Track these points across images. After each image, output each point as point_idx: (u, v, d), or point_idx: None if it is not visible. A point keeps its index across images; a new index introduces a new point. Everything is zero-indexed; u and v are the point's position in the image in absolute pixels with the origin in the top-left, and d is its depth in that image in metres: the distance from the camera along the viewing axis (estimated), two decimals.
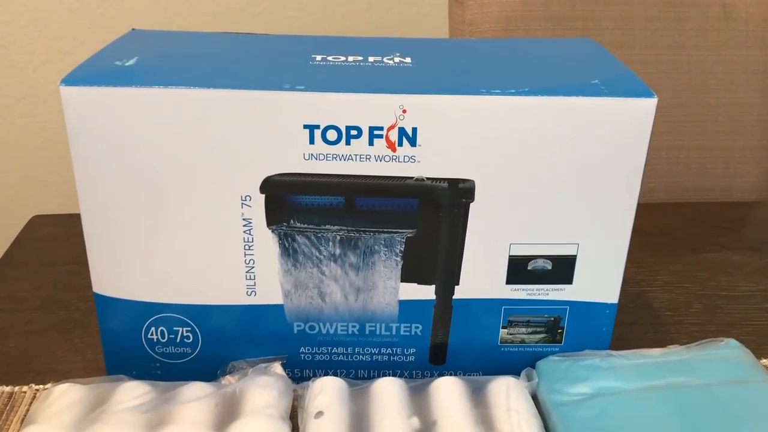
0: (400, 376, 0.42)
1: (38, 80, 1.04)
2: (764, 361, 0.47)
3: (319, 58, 0.40)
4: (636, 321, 0.52)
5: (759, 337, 0.50)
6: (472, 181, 0.37)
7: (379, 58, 0.41)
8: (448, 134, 0.36)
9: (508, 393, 0.39)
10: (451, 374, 0.42)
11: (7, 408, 0.41)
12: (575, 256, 0.39)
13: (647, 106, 0.36)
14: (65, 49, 1.02)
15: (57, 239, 0.60)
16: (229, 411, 0.37)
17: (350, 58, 0.41)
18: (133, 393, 0.38)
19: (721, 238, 0.63)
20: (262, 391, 0.38)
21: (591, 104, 0.36)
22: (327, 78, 0.37)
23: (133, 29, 0.45)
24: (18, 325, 0.49)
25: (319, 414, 0.37)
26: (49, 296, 0.52)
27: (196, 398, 0.37)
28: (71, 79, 0.36)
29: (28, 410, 0.41)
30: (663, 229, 0.65)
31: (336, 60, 0.40)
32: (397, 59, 0.41)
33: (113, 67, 0.37)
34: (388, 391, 0.39)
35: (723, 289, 0.56)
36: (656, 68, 0.72)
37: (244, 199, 0.37)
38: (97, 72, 0.36)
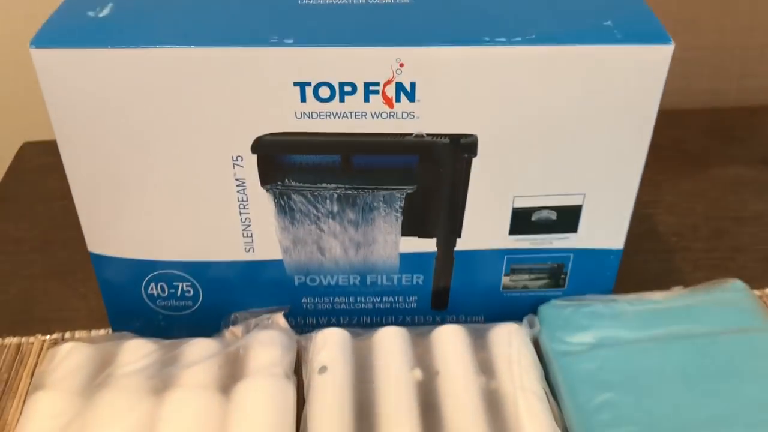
0: (403, 321, 0.43)
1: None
2: None
3: None
4: (640, 248, 0.51)
5: (765, 264, 0.50)
6: (475, 136, 0.35)
7: None
8: (448, 88, 0.34)
9: (509, 341, 0.39)
10: (453, 319, 0.43)
11: (16, 361, 0.42)
12: (581, 206, 0.38)
13: (663, 52, 0.34)
14: None
15: (49, 171, 0.58)
16: (233, 371, 0.37)
17: None
18: (138, 353, 0.38)
19: (733, 150, 0.61)
20: (266, 349, 0.38)
21: (603, 52, 0.33)
22: (317, 27, 0.34)
23: None
24: (18, 268, 0.49)
25: (323, 369, 0.38)
26: (47, 236, 0.52)
27: (200, 359, 0.37)
28: (42, 40, 0.33)
29: (36, 363, 0.42)
30: (673, 140, 0.63)
31: None
32: None
33: (86, 19, 0.34)
34: (391, 342, 0.39)
35: (731, 209, 0.55)
36: None
37: (235, 159, 0.36)
38: (69, 28, 0.34)
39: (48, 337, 0.44)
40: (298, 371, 0.39)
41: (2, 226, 0.53)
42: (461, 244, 0.39)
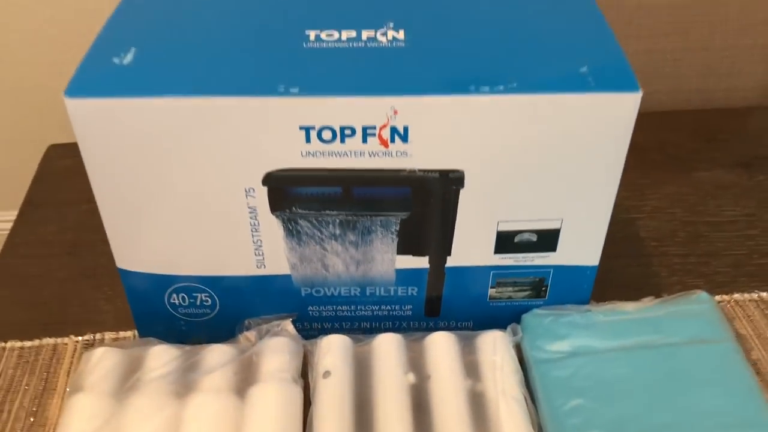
0: (399, 327, 0.47)
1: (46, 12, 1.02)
2: (736, 295, 0.51)
3: (312, 36, 0.41)
4: (621, 253, 0.55)
5: (734, 269, 0.54)
6: (462, 171, 0.39)
7: (372, 34, 0.41)
8: (438, 130, 0.38)
9: (494, 348, 0.44)
10: (445, 324, 0.47)
11: (53, 361, 0.47)
12: (559, 229, 0.42)
13: (632, 100, 0.37)
14: None
15: (74, 174, 0.62)
16: (247, 376, 0.42)
17: (344, 35, 0.41)
18: (162, 359, 0.43)
19: (716, 153, 0.65)
20: (276, 355, 0.43)
21: (578, 99, 0.37)
22: (320, 76, 0.38)
23: None
24: (51, 271, 0.54)
25: (327, 374, 0.42)
26: (74, 239, 0.56)
27: (218, 365, 0.42)
28: (74, 90, 0.37)
29: (71, 362, 0.47)
30: (659, 143, 0.66)
31: (330, 39, 0.41)
32: (390, 34, 0.41)
33: (112, 67, 0.38)
34: (387, 348, 0.44)
35: (709, 213, 0.59)
36: None
37: (248, 190, 0.40)
38: (98, 78, 0.38)
39: (80, 338, 0.48)
40: (305, 374, 0.44)
41: (33, 230, 0.57)
42: (451, 261, 0.44)
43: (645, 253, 0.55)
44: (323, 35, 0.41)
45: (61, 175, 0.63)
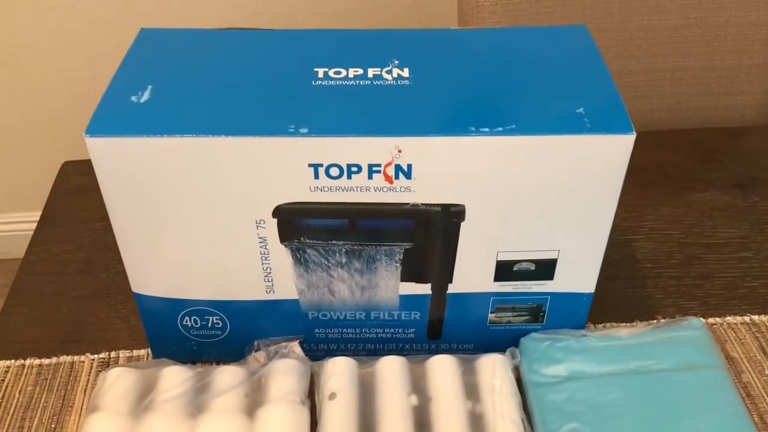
0: (402, 349, 0.49)
1: (61, 30, 1.05)
2: (729, 318, 0.53)
3: (321, 74, 0.43)
4: (617, 275, 0.57)
5: (728, 291, 0.55)
6: (463, 206, 0.41)
7: (378, 71, 0.43)
8: (440, 168, 0.40)
9: (494, 371, 0.46)
10: (446, 346, 0.49)
11: (71, 378, 0.49)
12: (556, 259, 0.44)
13: (626, 141, 0.39)
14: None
15: (88, 191, 0.65)
16: (257, 398, 0.44)
17: (351, 72, 0.43)
18: (175, 379, 0.45)
19: (712, 174, 0.66)
20: (284, 377, 0.44)
21: (574, 140, 0.39)
22: (328, 116, 0.40)
23: (142, 29, 0.47)
24: (67, 290, 0.56)
25: (333, 396, 0.44)
26: (89, 257, 0.58)
27: (229, 387, 0.44)
28: (95, 129, 0.39)
29: (88, 380, 0.49)
30: (657, 163, 0.68)
31: (337, 76, 0.42)
32: (395, 72, 0.43)
33: (130, 106, 0.40)
34: (390, 371, 0.46)
35: (705, 235, 0.60)
36: None
37: (258, 222, 0.42)
38: (117, 117, 0.39)
39: (96, 356, 0.50)
40: (312, 395, 0.46)
41: (49, 248, 0.59)
42: (453, 288, 0.46)
43: (641, 275, 0.57)
44: (331, 73, 0.43)
45: (76, 193, 0.65)
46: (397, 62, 0.44)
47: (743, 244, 0.59)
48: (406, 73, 0.43)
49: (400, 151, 0.39)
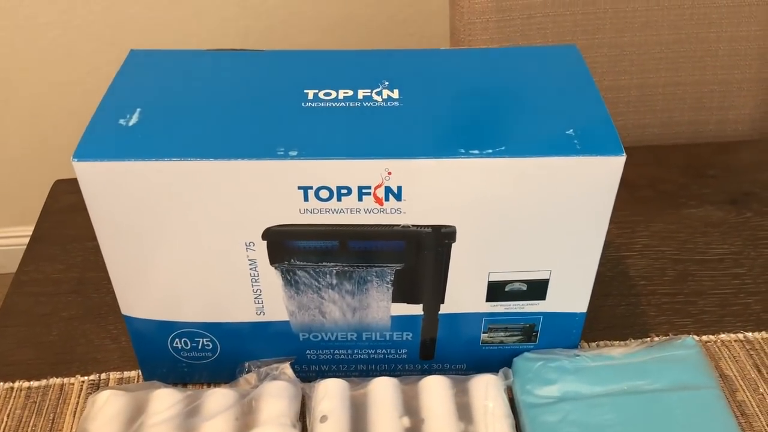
0: (394, 369, 0.49)
1: (54, 47, 1.05)
2: (723, 336, 0.53)
3: (311, 95, 0.42)
4: (610, 292, 0.57)
5: (721, 308, 0.55)
6: (453, 227, 0.41)
7: (368, 92, 0.43)
8: (430, 190, 0.40)
9: (486, 392, 0.45)
10: (439, 367, 0.49)
11: (60, 401, 0.49)
12: (548, 279, 0.44)
13: (616, 162, 0.39)
14: (81, 20, 1.01)
15: (79, 210, 0.64)
16: (247, 421, 0.44)
17: (341, 94, 0.43)
18: (165, 402, 0.44)
19: (705, 189, 0.66)
20: (275, 400, 0.44)
21: (565, 162, 0.39)
22: (317, 138, 0.40)
23: (131, 51, 0.47)
24: (58, 310, 0.55)
25: (324, 418, 0.44)
26: (81, 277, 0.58)
27: (219, 410, 0.44)
28: (82, 153, 0.39)
29: (77, 402, 0.48)
30: (650, 180, 0.68)
31: (327, 98, 0.42)
32: (385, 93, 0.43)
33: (118, 129, 0.40)
34: (383, 392, 0.46)
35: (698, 252, 0.60)
36: (657, 4, 0.71)
37: (248, 245, 0.42)
38: (104, 141, 0.39)
39: (86, 378, 0.50)
40: (303, 416, 0.46)
41: (40, 267, 0.59)
42: (445, 308, 0.45)
43: (634, 292, 0.57)
44: (321, 94, 0.43)
45: (67, 212, 0.64)
46: (387, 83, 0.44)
47: (737, 260, 0.59)
48: (396, 94, 0.43)
49: (389, 174, 0.39)
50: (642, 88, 0.74)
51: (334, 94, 0.43)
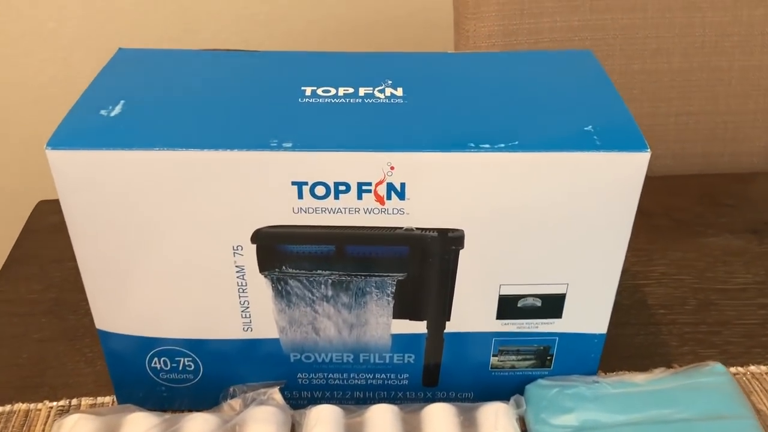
0: (394, 397, 0.44)
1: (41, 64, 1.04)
2: (752, 368, 0.49)
3: (308, 92, 0.40)
4: (628, 321, 0.53)
5: (748, 339, 0.51)
6: (461, 231, 0.37)
7: (370, 90, 0.40)
8: (436, 188, 0.36)
9: (496, 421, 0.41)
10: (443, 395, 0.44)
11: (24, 428, 0.44)
12: (564, 294, 0.40)
13: (640, 160, 0.36)
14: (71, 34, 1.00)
15: (62, 230, 0.60)
16: None
17: (341, 91, 0.40)
18: (140, 427, 0.40)
19: (723, 218, 0.63)
20: (261, 426, 0.40)
21: (583, 159, 0.35)
22: (315, 130, 0.36)
23: (120, 49, 0.44)
24: (31, 332, 0.51)
25: None
26: (58, 298, 0.54)
27: None
28: (57, 142, 0.35)
29: (43, 431, 0.44)
30: (665, 208, 0.65)
31: (326, 95, 0.39)
32: (388, 91, 0.40)
33: (98, 119, 0.37)
34: (382, 420, 0.41)
35: (719, 281, 0.56)
36: (669, 31, 0.70)
37: (236, 248, 0.38)
38: (82, 129, 0.36)
39: (55, 404, 0.46)
40: None
41: (16, 287, 0.55)
42: (451, 327, 0.41)
43: (653, 321, 0.53)
44: (319, 91, 0.40)
45: (48, 232, 0.61)
46: (390, 82, 0.41)
47: (761, 290, 0.55)
48: (399, 92, 0.40)
49: (392, 168, 0.36)
50: (653, 117, 0.72)
51: (333, 91, 0.40)
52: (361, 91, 0.40)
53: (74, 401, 0.46)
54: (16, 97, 1.05)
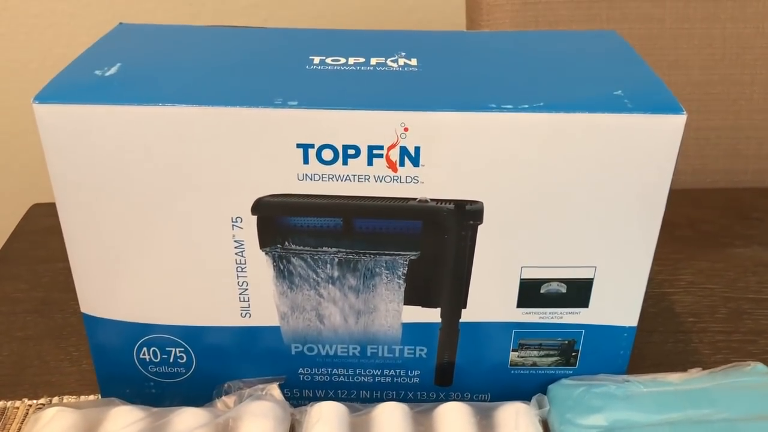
0: (404, 397, 0.40)
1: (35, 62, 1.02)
2: None
3: (317, 60, 0.37)
4: (656, 328, 0.49)
5: None
6: (481, 203, 0.34)
7: (383, 60, 0.37)
8: (454, 154, 0.33)
9: (517, 422, 0.37)
10: (458, 396, 0.40)
11: None
12: (592, 279, 0.37)
13: (675, 123, 0.33)
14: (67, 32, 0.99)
15: (54, 232, 0.57)
16: None
17: (351, 60, 0.37)
18: (123, 420, 0.36)
19: (752, 231, 0.60)
20: (257, 420, 0.36)
21: (613, 121, 0.33)
22: (322, 90, 0.34)
23: (120, 23, 0.42)
24: (13, 330, 0.48)
25: None
26: (45, 297, 0.51)
27: (188, 430, 0.35)
28: (45, 96, 0.33)
29: (19, 429, 0.40)
30: (689, 220, 0.61)
31: (335, 63, 0.37)
32: (401, 61, 0.37)
33: (92, 78, 0.34)
34: (390, 419, 0.37)
35: (751, 291, 0.53)
36: (688, 43, 0.68)
37: (234, 220, 0.35)
38: (74, 85, 0.34)
39: (34, 402, 0.42)
40: None
41: (2, 287, 0.52)
42: (467, 316, 0.38)
43: (683, 329, 0.49)
44: (328, 60, 0.37)
45: (40, 234, 0.58)
46: (403, 53, 0.38)
47: None
48: (414, 62, 0.37)
49: (406, 130, 0.33)
50: None
51: (343, 60, 0.37)
52: (373, 61, 0.37)
53: (55, 399, 0.42)
54: (10, 98, 1.03)
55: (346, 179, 0.34)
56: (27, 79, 1.04)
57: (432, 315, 0.38)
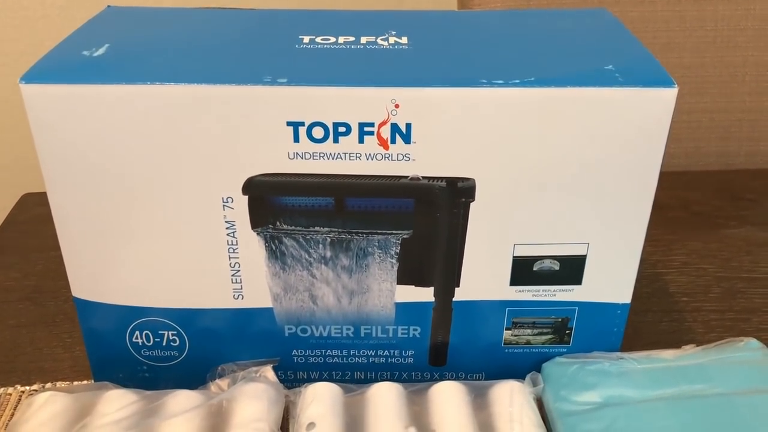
0: (399, 377, 0.40)
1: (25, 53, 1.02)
2: None
3: (306, 39, 0.37)
4: (650, 308, 0.49)
5: None
6: (473, 180, 0.34)
7: (373, 38, 0.37)
8: (445, 130, 0.33)
9: (511, 400, 0.37)
10: (452, 375, 0.40)
11: None
12: (585, 256, 0.37)
13: (667, 96, 0.33)
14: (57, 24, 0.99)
15: (47, 220, 0.57)
16: (216, 424, 0.35)
17: (341, 39, 0.37)
18: (117, 403, 0.36)
19: (744, 211, 0.60)
20: (251, 402, 0.36)
21: (604, 95, 0.33)
22: (312, 68, 0.34)
23: (108, 6, 0.42)
24: (6, 318, 0.47)
25: (311, 425, 0.35)
26: (37, 285, 0.50)
27: (182, 411, 0.35)
28: (32, 76, 0.32)
29: (12, 415, 0.40)
30: (682, 201, 0.61)
31: (325, 42, 0.37)
32: (392, 39, 0.37)
33: (80, 58, 0.34)
34: (385, 398, 0.37)
35: (744, 270, 0.53)
36: (679, 25, 0.68)
37: (225, 200, 0.35)
38: (61, 66, 0.33)
39: (27, 388, 0.42)
40: (285, 428, 0.37)
41: None
42: (460, 294, 0.38)
43: (677, 308, 0.49)
44: (318, 39, 0.37)
45: (32, 223, 0.58)
46: (394, 32, 0.38)
47: None
48: (404, 40, 0.37)
49: (396, 106, 0.33)
50: None
51: (333, 39, 0.37)
52: (363, 40, 0.37)
53: (48, 386, 0.42)
54: (0, 90, 1.02)
55: (337, 157, 0.34)
56: (18, 71, 1.04)
57: (425, 294, 0.38)
